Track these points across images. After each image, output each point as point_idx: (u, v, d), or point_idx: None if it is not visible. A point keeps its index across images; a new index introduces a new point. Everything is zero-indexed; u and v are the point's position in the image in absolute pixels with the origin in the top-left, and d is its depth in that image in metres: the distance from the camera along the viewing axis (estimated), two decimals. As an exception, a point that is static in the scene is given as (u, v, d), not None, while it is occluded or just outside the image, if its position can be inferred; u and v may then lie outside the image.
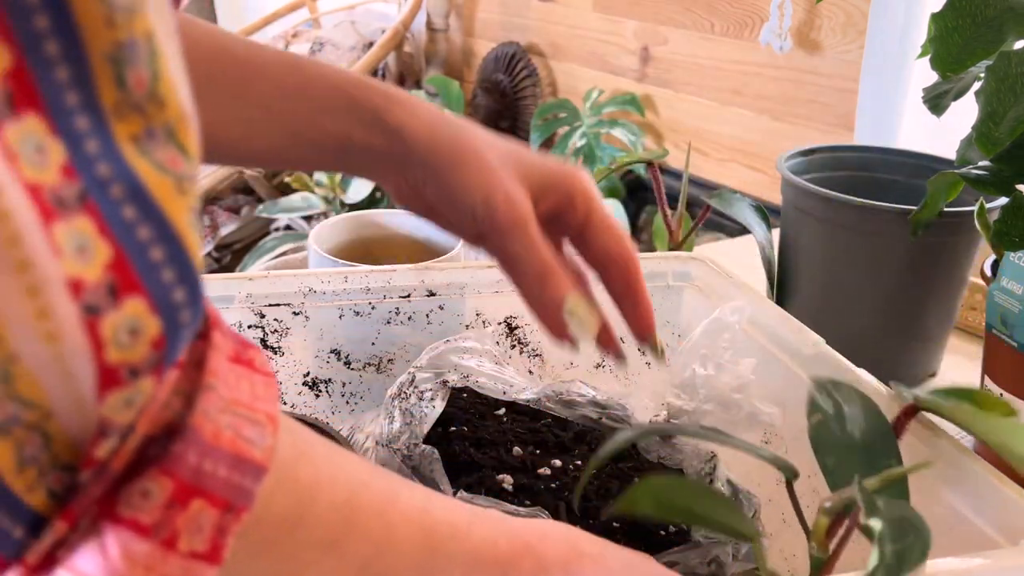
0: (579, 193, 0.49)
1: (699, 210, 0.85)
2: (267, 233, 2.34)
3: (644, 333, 0.51)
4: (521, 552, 0.39)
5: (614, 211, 2.10)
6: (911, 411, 0.47)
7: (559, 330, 0.46)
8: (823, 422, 0.47)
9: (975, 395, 0.44)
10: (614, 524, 0.51)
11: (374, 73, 2.45)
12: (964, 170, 0.65)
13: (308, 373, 0.67)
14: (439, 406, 0.57)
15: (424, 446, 0.53)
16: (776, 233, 0.87)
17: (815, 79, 1.77)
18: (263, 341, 0.65)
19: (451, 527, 0.38)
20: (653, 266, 0.72)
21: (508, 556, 0.38)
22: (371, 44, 2.50)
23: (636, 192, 2.25)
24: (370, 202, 2.29)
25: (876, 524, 0.36)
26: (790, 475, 0.47)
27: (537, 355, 0.71)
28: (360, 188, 2.23)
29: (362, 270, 0.66)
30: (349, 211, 1.16)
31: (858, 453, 0.46)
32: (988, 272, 0.71)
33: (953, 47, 0.61)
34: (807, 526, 0.45)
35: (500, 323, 0.70)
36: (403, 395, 0.58)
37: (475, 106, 2.67)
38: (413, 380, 0.59)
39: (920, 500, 0.43)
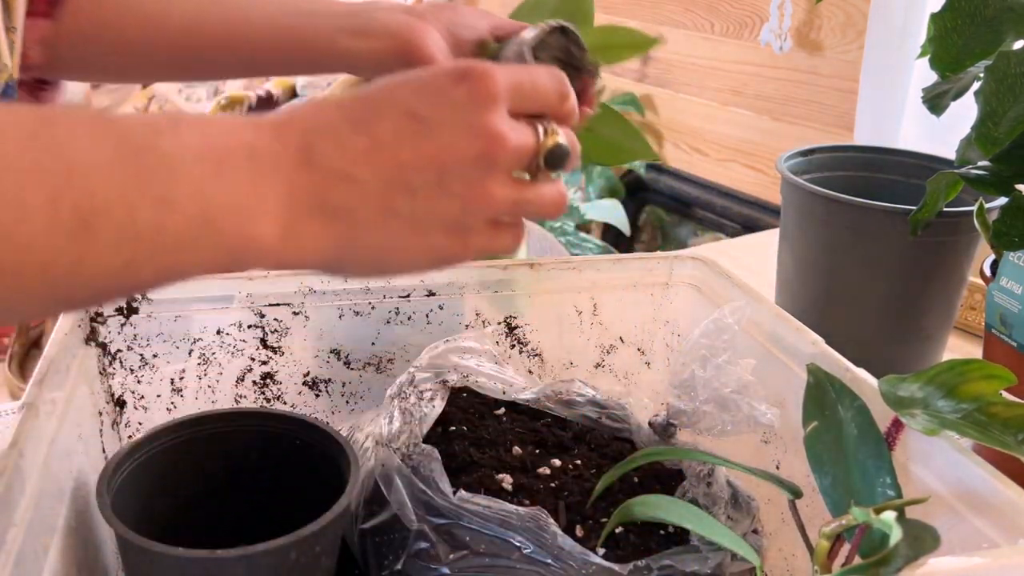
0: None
1: (699, 210, 0.85)
2: (267, 233, 2.33)
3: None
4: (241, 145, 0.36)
5: (614, 210, 2.10)
6: (900, 422, 0.47)
7: None
8: (818, 432, 0.47)
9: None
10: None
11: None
12: (964, 170, 0.65)
13: (308, 373, 0.67)
14: (439, 406, 0.57)
15: (424, 446, 0.53)
16: (776, 233, 0.87)
17: (815, 79, 1.77)
18: (263, 341, 0.65)
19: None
20: (653, 266, 0.72)
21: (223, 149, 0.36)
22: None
23: (636, 192, 2.26)
24: (370, 202, 2.28)
25: (889, 517, 0.37)
26: (793, 495, 0.47)
27: (537, 355, 0.71)
28: (360, 188, 2.23)
29: (362, 270, 0.66)
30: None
31: (854, 470, 0.46)
32: (987, 272, 0.71)
33: (952, 47, 0.61)
34: (810, 544, 0.45)
35: (500, 323, 0.70)
36: (403, 395, 0.58)
37: (475, 106, 2.66)
38: (413, 380, 0.59)
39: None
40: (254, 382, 0.66)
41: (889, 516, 0.37)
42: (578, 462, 0.56)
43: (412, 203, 0.38)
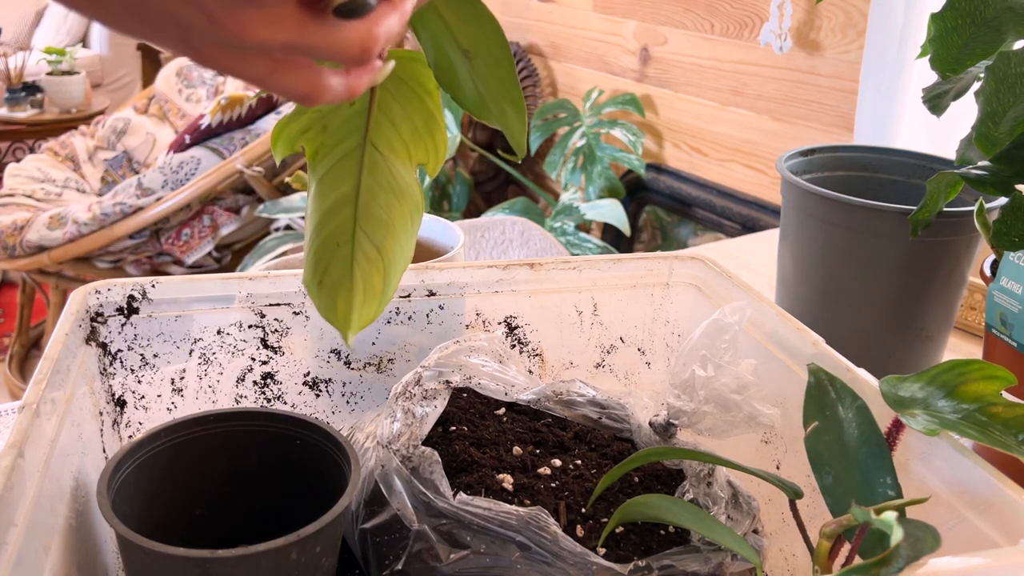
0: None
1: (699, 210, 0.85)
2: (267, 233, 2.34)
3: None
4: None
5: (614, 210, 2.10)
6: (900, 423, 0.47)
7: None
8: (818, 432, 0.47)
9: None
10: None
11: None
12: (964, 170, 0.65)
13: (308, 373, 0.67)
14: (440, 406, 0.57)
15: (424, 448, 0.53)
16: (776, 233, 0.87)
17: (815, 79, 1.77)
18: (263, 341, 0.65)
19: None
20: (653, 266, 0.72)
21: None
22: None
23: (636, 192, 2.26)
24: (370, 202, 2.28)
25: (890, 517, 0.37)
26: (794, 495, 0.47)
27: (537, 355, 0.71)
28: (360, 188, 2.23)
29: (362, 270, 0.66)
30: (349, 211, 1.16)
31: (855, 470, 0.46)
32: (988, 272, 0.71)
33: (953, 47, 0.61)
34: (811, 544, 0.45)
35: (500, 323, 0.70)
36: (407, 394, 0.58)
37: (475, 106, 2.66)
38: (419, 380, 0.59)
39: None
40: (254, 382, 0.66)
41: (890, 516, 0.37)
42: (578, 462, 0.56)
43: None
